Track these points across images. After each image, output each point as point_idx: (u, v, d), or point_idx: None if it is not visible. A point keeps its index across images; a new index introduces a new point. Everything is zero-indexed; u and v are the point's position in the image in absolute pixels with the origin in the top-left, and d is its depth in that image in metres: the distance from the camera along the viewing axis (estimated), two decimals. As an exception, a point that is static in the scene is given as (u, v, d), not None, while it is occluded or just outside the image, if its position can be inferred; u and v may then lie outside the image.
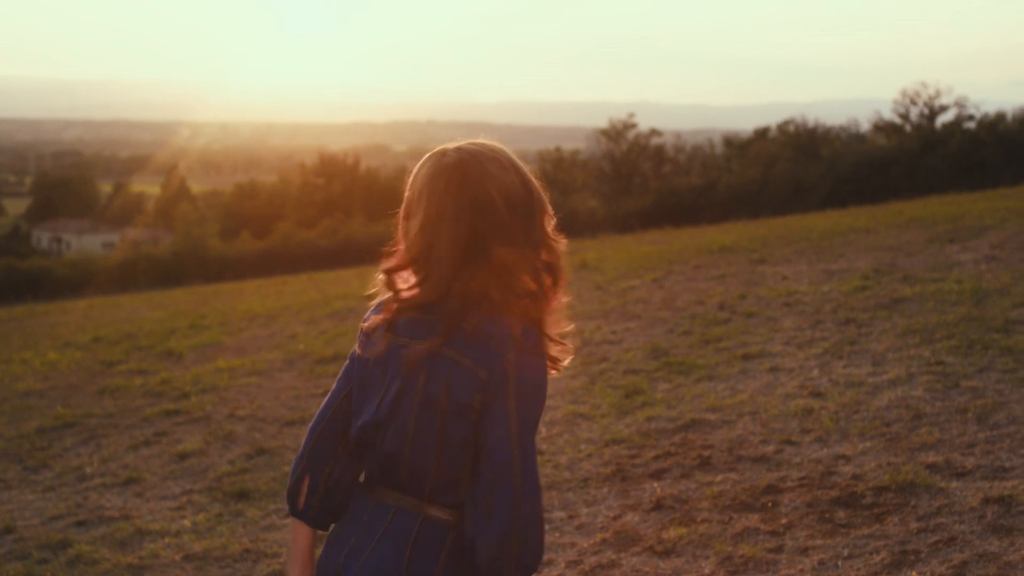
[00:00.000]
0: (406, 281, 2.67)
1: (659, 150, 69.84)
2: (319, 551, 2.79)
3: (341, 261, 38.16)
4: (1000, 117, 60.17)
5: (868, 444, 6.36)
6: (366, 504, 2.68)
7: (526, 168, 2.67)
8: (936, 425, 6.50)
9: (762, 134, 69.09)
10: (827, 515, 5.45)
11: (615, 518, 5.76)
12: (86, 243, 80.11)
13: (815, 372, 8.09)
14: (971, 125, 60.13)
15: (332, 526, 2.80)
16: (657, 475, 6.37)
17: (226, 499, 6.88)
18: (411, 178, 2.69)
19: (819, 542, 5.15)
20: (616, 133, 67.77)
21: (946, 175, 47.83)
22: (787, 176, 57.26)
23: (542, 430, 7.27)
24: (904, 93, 64.78)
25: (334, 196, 73.59)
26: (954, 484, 5.57)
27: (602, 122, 69.85)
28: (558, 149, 74.58)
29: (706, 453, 6.60)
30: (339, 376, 2.76)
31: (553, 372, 2.69)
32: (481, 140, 2.69)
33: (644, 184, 63.68)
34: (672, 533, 5.48)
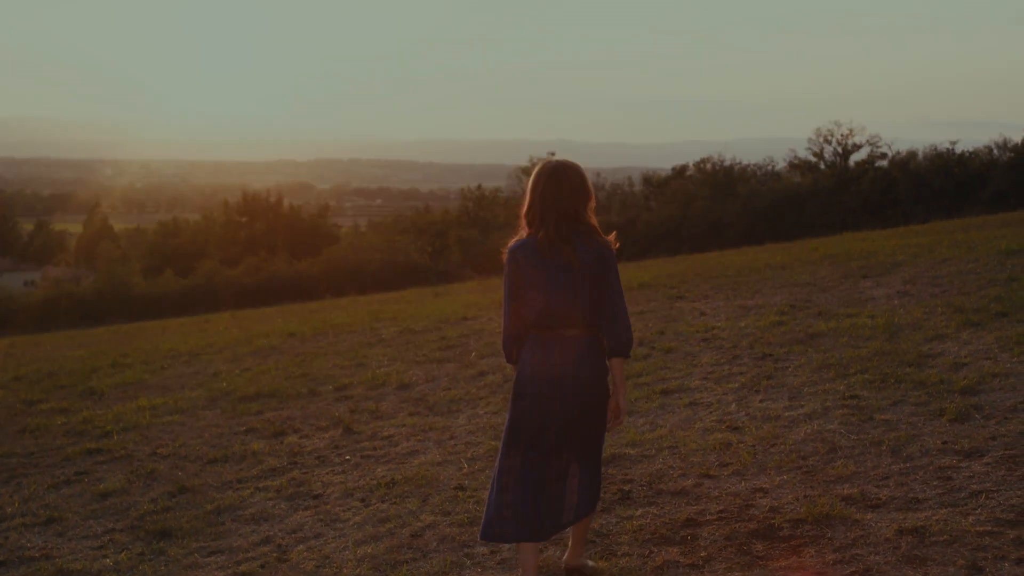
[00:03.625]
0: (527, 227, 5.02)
1: (580, 188, 70.10)
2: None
3: (264, 299, 37.95)
4: (911, 155, 61.26)
5: (785, 477, 6.47)
6: (548, 339, 4.93)
7: (585, 173, 5.05)
8: (851, 458, 6.62)
9: (680, 172, 69.72)
10: (745, 547, 5.53)
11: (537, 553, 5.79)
12: (7, 282, 78.70)
13: (733, 406, 8.21)
14: (883, 163, 61.16)
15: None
16: (579, 509, 6.42)
17: (148, 538, 6.84)
18: (533, 176, 4.99)
19: (738, 574, 5.23)
20: (537, 171, 67.89)
21: (859, 212, 48.60)
22: (705, 213, 57.86)
23: (464, 467, 7.31)
24: (819, 132, 65.75)
25: (257, 234, 73.18)
26: (869, 516, 5.68)
27: (523, 160, 70.10)
28: (479, 187, 74.72)
29: (626, 487, 6.67)
30: (505, 292, 5.02)
31: None
32: (562, 158, 5.12)
33: (565, 222, 63.78)
34: (594, 566, 5.54)
